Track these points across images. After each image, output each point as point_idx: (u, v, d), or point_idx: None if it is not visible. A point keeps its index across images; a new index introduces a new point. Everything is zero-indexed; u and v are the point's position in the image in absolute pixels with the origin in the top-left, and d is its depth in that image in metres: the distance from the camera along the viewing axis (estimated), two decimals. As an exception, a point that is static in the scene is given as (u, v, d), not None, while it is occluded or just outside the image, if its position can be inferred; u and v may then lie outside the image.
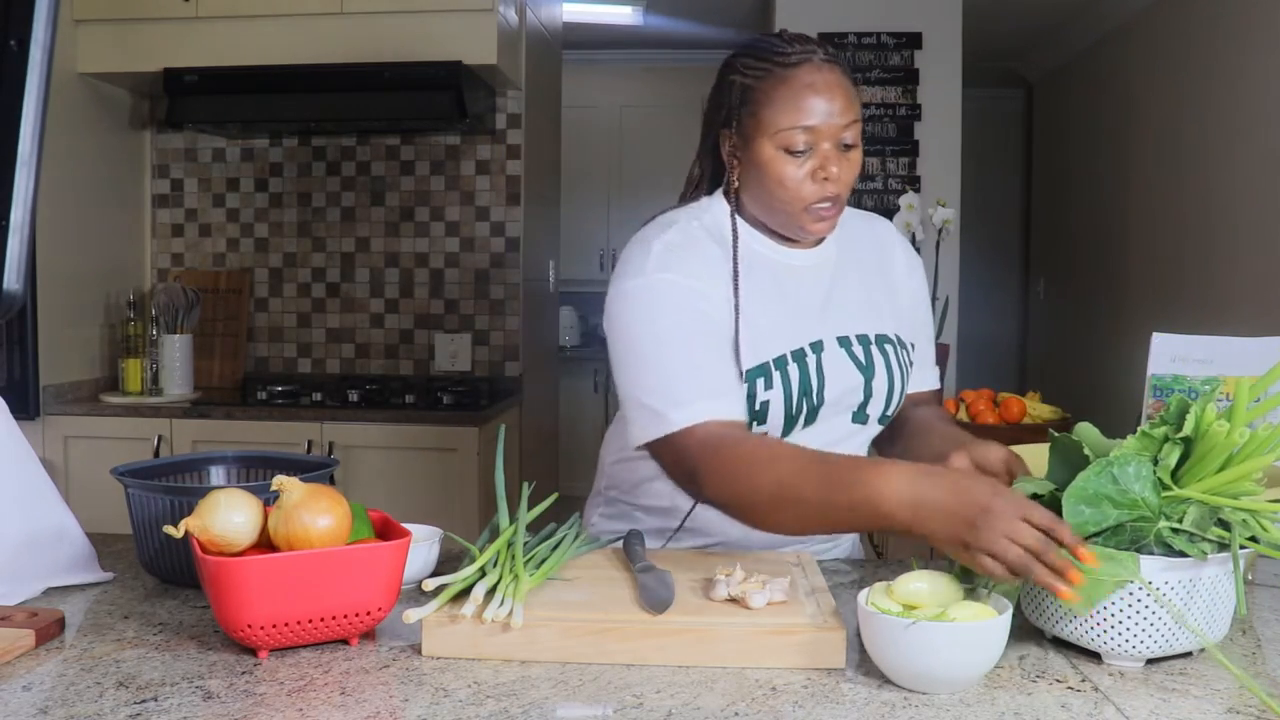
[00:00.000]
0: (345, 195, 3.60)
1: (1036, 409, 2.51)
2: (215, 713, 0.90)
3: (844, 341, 1.38)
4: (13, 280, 1.01)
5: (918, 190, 4.03)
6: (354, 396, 3.16)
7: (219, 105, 3.20)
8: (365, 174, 3.59)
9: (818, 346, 1.36)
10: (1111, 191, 4.79)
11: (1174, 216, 4.08)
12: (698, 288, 1.31)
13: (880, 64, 4.15)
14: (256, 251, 3.64)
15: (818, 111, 1.28)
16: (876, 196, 4.17)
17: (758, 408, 1.31)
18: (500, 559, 1.12)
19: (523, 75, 3.41)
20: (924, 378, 1.52)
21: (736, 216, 1.39)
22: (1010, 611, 0.97)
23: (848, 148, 1.31)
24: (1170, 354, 1.36)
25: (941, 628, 0.92)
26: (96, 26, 3.17)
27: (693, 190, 1.44)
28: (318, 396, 3.18)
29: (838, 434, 1.38)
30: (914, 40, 4.14)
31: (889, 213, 4.00)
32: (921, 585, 0.99)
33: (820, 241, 1.42)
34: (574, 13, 4.53)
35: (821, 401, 1.35)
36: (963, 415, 2.53)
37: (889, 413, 1.43)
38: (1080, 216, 5.27)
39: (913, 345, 1.48)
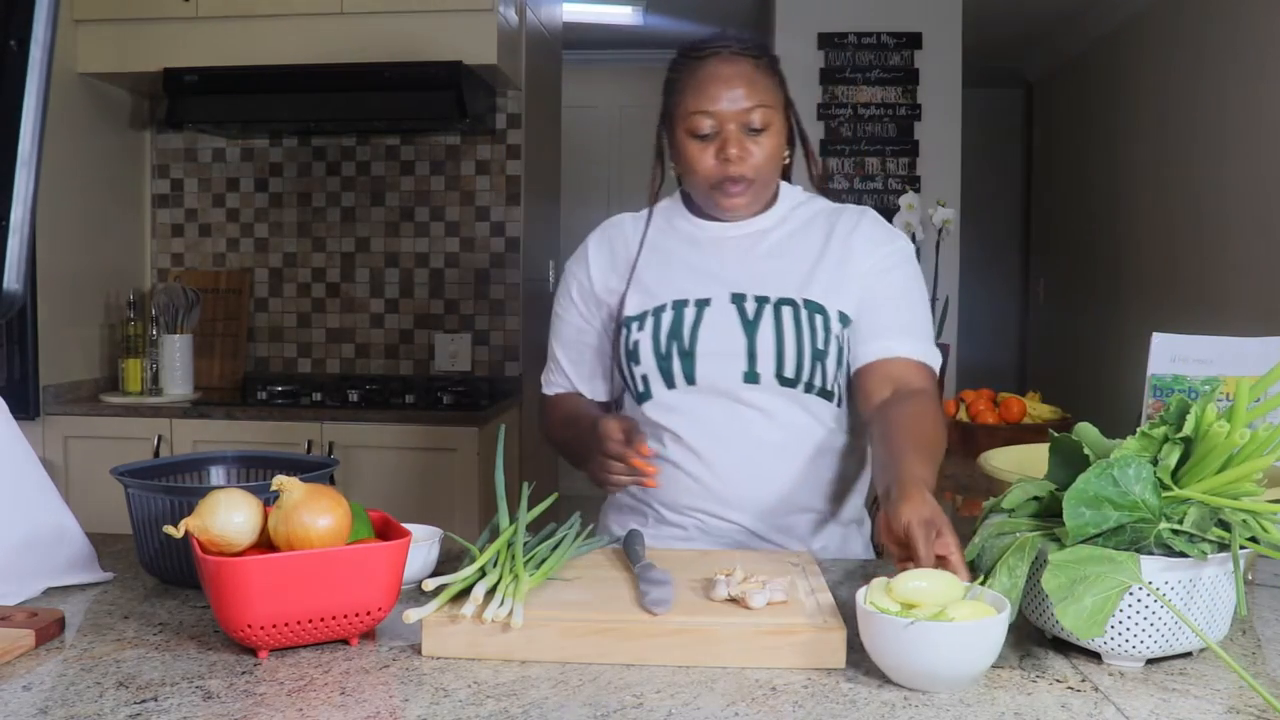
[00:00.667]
0: (345, 195, 3.60)
1: (1036, 409, 2.51)
2: (215, 713, 0.90)
3: (737, 298, 1.47)
4: (13, 280, 1.01)
5: (918, 190, 4.03)
6: (354, 396, 3.16)
7: (219, 105, 3.20)
8: (365, 174, 3.59)
9: (703, 303, 1.47)
10: (1111, 191, 4.79)
11: (1174, 216, 4.08)
12: (577, 279, 1.59)
13: (880, 64, 4.15)
14: (256, 251, 3.64)
15: (719, 97, 1.42)
16: (876, 196, 4.17)
17: (630, 347, 1.49)
18: (500, 559, 1.12)
19: (523, 75, 3.41)
20: (889, 345, 1.46)
21: (682, 199, 1.58)
22: (1009, 610, 0.97)
23: (756, 131, 1.43)
24: (1170, 354, 1.36)
25: (941, 627, 0.92)
26: (96, 26, 3.17)
27: (651, 196, 1.58)
28: (318, 396, 3.18)
29: (732, 395, 1.45)
30: (914, 40, 4.14)
31: (889, 213, 4.00)
32: (921, 584, 0.99)
33: (758, 215, 1.53)
34: (574, 13, 4.53)
35: (693, 349, 1.45)
36: (963, 415, 2.53)
37: (791, 376, 1.44)
38: (1080, 217, 5.27)
39: (842, 315, 1.47)
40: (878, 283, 1.49)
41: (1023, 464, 1.47)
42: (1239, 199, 3.54)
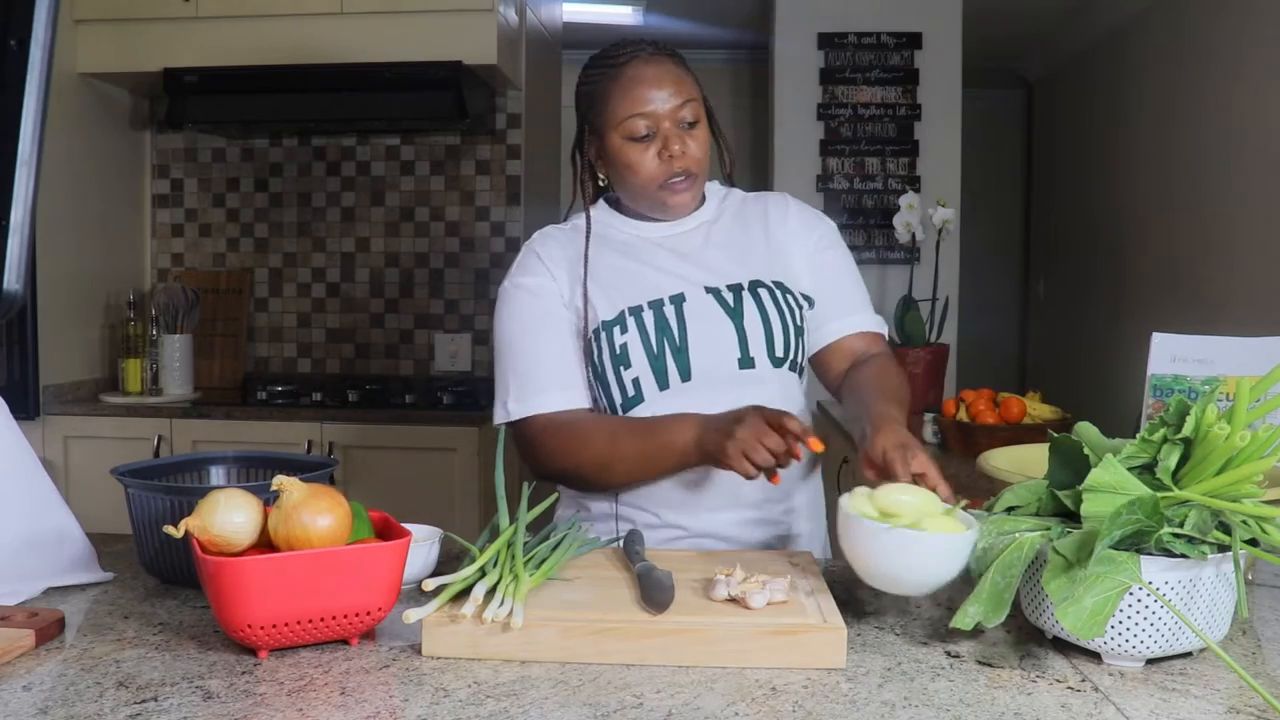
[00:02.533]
0: (345, 195, 3.60)
1: (1036, 409, 2.51)
2: (215, 713, 0.90)
3: (712, 290, 1.48)
4: (13, 280, 1.01)
5: (918, 190, 4.03)
6: (354, 396, 3.16)
7: (219, 105, 3.20)
8: (365, 174, 3.59)
9: (678, 299, 1.47)
10: (1111, 191, 4.79)
11: (1174, 216, 4.08)
12: (544, 289, 1.50)
13: (880, 64, 4.15)
14: (256, 251, 3.64)
15: (651, 97, 1.43)
16: (876, 196, 4.17)
17: (618, 351, 1.46)
18: (500, 559, 1.12)
19: (523, 75, 3.41)
20: (850, 322, 1.56)
21: (616, 209, 1.57)
22: (977, 529, 1.05)
23: (690, 125, 1.46)
24: (1170, 354, 1.36)
25: (913, 535, 1.02)
26: (96, 26, 3.17)
27: (585, 207, 1.58)
28: (318, 396, 3.18)
29: (730, 383, 1.46)
30: (914, 40, 4.14)
31: (889, 213, 4.01)
32: (903, 497, 1.08)
33: (696, 211, 1.55)
34: (574, 13, 4.53)
35: (685, 344, 1.45)
36: (963, 415, 2.53)
37: (782, 355, 1.48)
38: (1080, 217, 5.27)
39: (804, 295, 1.53)
40: (820, 263, 1.55)
41: (1023, 464, 1.47)
42: (1239, 198, 3.54)
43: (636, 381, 1.46)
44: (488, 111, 3.42)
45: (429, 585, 1.07)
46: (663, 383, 1.45)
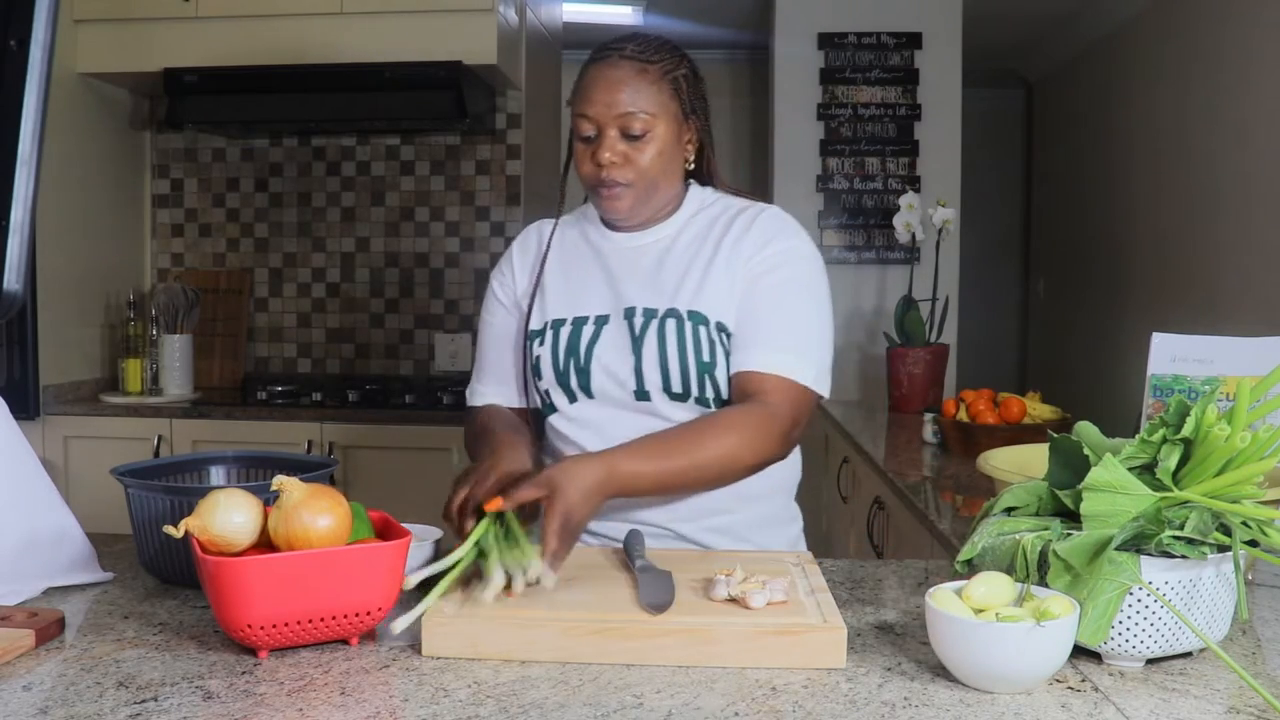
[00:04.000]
0: (345, 195, 3.60)
1: (1036, 409, 2.51)
2: (215, 713, 0.90)
3: (629, 313, 1.45)
4: (13, 280, 1.01)
5: (918, 190, 4.03)
6: (354, 396, 3.16)
7: (219, 105, 3.20)
8: (365, 174, 3.59)
9: (602, 320, 1.46)
10: (1111, 191, 4.79)
11: (1174, 216, 4.08)
12: (504, 287, 1.56)
13: (880, 64, 4.15)
14: (256, 251, 3.64)
15: (596, 100, 1.41)
16: (876, 196, 4.17)
17: (534, 361, 1.49)
18: (495, 537, 1.13)
19: (523, 75, 3.41)
20: (746, 357, 1.41)
21: (587, 207, 1.56)
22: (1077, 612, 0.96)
23: (635, 138, 1.41)
24: (1170, 354, 1.36)
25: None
26: (96, 26, 3.17)
27: (557, 208, 1.60)
28: (318, 396, 3.18)
29: (630, 410, 1.44)
30: (914, 40, 4.14)
31: (888, 213, 4.01)
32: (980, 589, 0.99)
33: (660, 224, 1.50)
34: (574, 13, 4.52)
35: (588, 366, 1.44)
36: (963, 415, 2.53)
37: (680, 391, 1.41)
38: (1080, 216, 5.27)
39: (720, 325, 1.42)
40: (754, 289, 1.43)
41: (1023, 464, 1.47)
42: (1240, 198, 3.54)
43: (548, 392, 1.49)
44: (488, 111, 3.42)
45: (410, 583, 1.07)
46: (570, 397, 1.47)
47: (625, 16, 4.91)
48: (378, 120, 3.34)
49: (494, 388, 1.57)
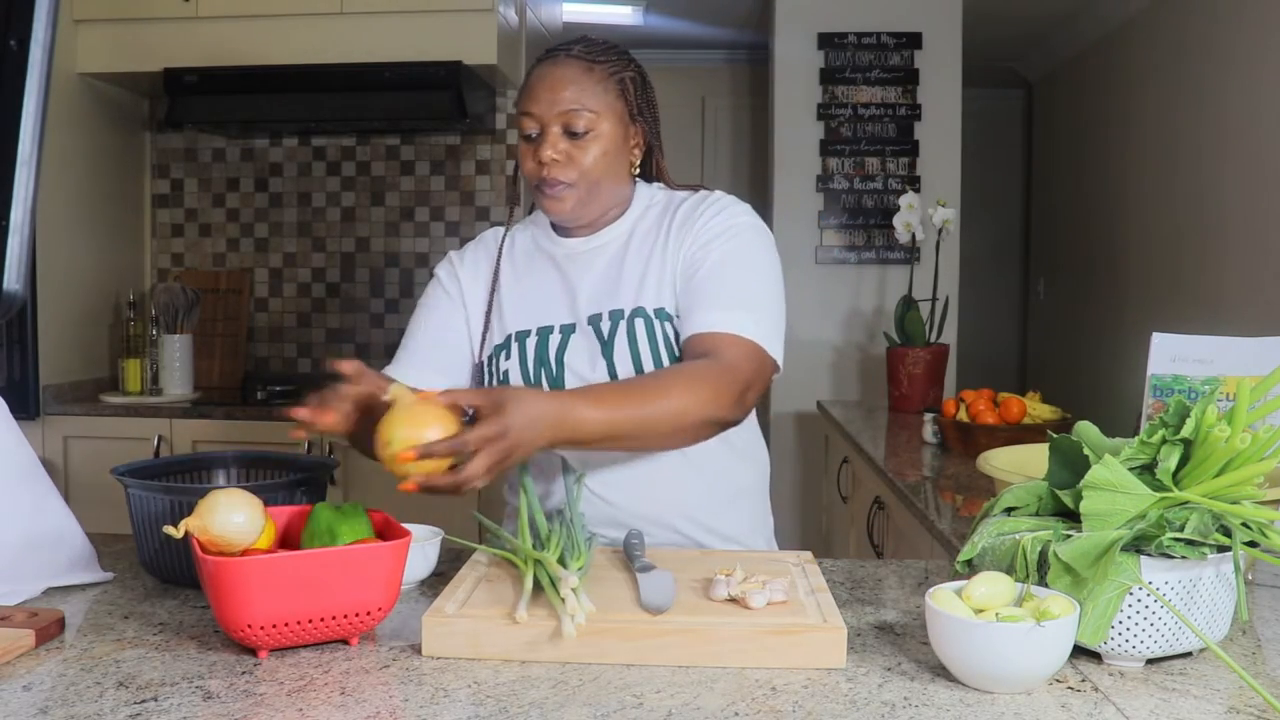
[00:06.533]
0: (345, 195, 3.60)
1: (1036, 409, 2.51)
2: (215, 713, 0.90)
3: (594, 319, 1.44)
4: (13, 280, 1.01)
5: (918, 190, 4.03)
6: (354, 396, 3.15)
7: (219, 105, 3.20)
8: (365, 174, 3.59)
9: (568, 328, 1.45)
10: (1111, 191, 4.79)
11: (1174, 216, 4.08)
12: (454, 280, 1.55)
13: (880, 64, 4.15)
14: (256, 251, 3.64)
15: (541, 98, 1.41)
16: (876, 196, 4.17)
17: (502, 376, 1.46)
18: (555, 539, 1.17)
19: (523, 75, 3.40)
20: (699, 319, 1.37)
21: (537, 215, 1.56)
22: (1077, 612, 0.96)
23: (577, 136, 1.41)
24: (1170, 354, 1.36)
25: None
26: (96, 26, 3.17)
27: (508, 219, 1.59)
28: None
29: None
30: (914, 40, 4.14)
31: (888, 213, 4.01)
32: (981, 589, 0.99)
33: (610, 226, 1.48)
34: (574, 13, 4.53)
35: (560, 376, 1.43)
36: (963, 415, 2.53)
37: None
38: (1080, 217, 5.27)
39: (676, 315, 1.41)
40: (695, 259, 1.41)
41: (1023, 464, 1.47)
42: (1239, 198, 3.54)
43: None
44: (488, 111, 3.42)
45: (521, 618, 1.03)
46: None
47: (625, 16, 4.91)
48: (377, 120, 3.34)
49: (415, 371, 1.47)
